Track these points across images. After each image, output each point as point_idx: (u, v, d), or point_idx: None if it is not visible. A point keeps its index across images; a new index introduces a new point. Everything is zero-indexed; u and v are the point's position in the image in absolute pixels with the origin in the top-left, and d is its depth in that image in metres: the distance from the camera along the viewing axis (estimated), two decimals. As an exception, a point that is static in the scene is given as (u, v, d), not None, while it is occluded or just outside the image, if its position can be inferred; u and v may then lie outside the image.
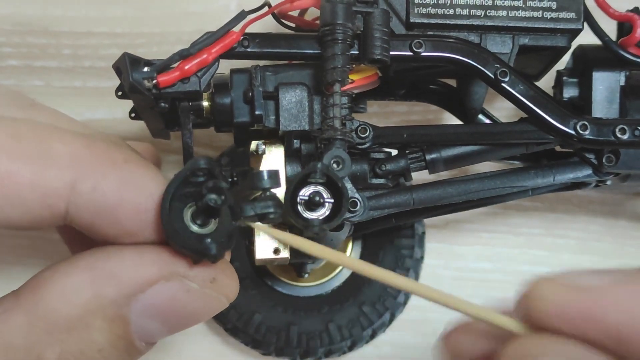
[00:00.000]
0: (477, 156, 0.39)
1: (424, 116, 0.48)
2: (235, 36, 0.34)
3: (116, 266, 0.30)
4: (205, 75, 0.33)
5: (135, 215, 0.29)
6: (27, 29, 0.48)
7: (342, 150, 0.33)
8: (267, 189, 0.32)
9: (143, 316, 0.31)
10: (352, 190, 0.35)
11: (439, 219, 0.47)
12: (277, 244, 0.35)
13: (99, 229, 0.30)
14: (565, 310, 0.23)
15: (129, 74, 0.32)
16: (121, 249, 0.31)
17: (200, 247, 0.30)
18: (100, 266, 0.30)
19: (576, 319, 0.23)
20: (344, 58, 0.34)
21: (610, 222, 0.49)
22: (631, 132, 0.36)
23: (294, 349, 0.45)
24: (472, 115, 0.41)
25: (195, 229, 0.30)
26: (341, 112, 0.34)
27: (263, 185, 0.32)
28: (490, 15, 0.36)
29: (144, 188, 0.30)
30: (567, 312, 0.23)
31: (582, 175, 0.38)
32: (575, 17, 0.37)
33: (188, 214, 0.30)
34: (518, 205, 0.48)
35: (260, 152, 0.36)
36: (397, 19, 0.36)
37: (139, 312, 0.30)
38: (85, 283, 0.30)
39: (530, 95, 0.36)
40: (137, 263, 0.30)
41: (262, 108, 0.35)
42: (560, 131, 0.36)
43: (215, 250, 0.30)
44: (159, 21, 0.48)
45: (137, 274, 0.30)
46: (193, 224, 0.30)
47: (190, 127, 0.35)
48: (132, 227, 0.30)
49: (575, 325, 0.23)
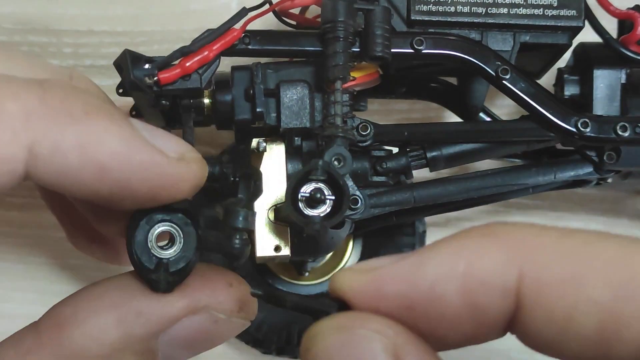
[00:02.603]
0: (478, 154, 0.39)
1: (425, 114, 0.48)
2: (237, 33, 0.34)
3: (143, 304, 0.30)
4: (206, 72, 0.33)
5: (99, 175, 0.27)
6: (28, 28, 0.48)
7: (343, 148, 0.33)
8: (239, 229, 0.32)
9: (171, 347, 0.31)
10: (353, 187, 0.35)
11: (439, 217, 0.47)
12: (278, 242, 0.35)
13: (63, 189, 0.28)
14: (357, 291, 0.25)
15: (130, 71, 0.32)
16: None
17: (151, 279, 0.30)
18: (126, 304, 0.30)
19: (367, 298, 0.25)
20: (346, 55, 0.34)
21: (611, 220, 0.49)
22: (632, 129, 0.36)
23: (294, 347, 0.45)
24: (473, 113, 0.41)
25: (156, 251, 0.30)
26: (342, 109, 0.34)
27: (236, 224, 0.32)
28: (491, 12, 0.36)
29: (106, 145, 0.27)
30: (359, 292, 0.25)
31: (583, 172, 0.38)
32: (576, 14, 0.37)
33: (154, 234, 0.31)
34: (519, 203, 0.48)
35: (261, 150, 0.36)
36: (398, 17, 0.36)
37: (166, 344, 0.31)
38: (112, 322, 0.29)
39: (531, 92, 0.36)
40: (163, 299, 0.30)
41: (263, 105, 0.35)
42: (561, 129, 0.36)
43: (164, 287, 0.30)
44: (160, 19, 0.48)
45: (164, 310, 0.30)
46: (157, 246, 0.31)
47: (191, 125, 0.35)
48: (97, 188, 0.28)
49: (369, 303, 0.25)
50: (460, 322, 0.24)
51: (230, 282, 0.32)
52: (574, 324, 0.23)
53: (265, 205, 0.35)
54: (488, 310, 0.24)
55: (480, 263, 0.24)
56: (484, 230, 0.25)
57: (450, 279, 0.24)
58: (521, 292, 0.24)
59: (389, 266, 0.25)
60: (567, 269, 0.23)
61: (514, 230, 0.25)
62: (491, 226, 0.25)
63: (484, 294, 0.24)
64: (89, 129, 0.27)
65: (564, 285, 0.23)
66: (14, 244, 0.49)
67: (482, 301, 0.24)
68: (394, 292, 0.25)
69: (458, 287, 0.24)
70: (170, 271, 0.30)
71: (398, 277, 0.25)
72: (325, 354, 0.24)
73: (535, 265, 0.24)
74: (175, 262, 0.31)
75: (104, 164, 0.27)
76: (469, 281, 0.24)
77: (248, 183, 0.34)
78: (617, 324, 0.23)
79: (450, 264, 0.24)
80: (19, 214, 0.49)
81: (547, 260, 0.24)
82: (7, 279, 0.49)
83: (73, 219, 0.38)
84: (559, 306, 0.23)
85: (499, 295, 0.24)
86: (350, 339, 0.24)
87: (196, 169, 0.30)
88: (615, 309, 0.23)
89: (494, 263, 0.24)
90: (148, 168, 0.28)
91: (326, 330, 0.25)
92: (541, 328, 0.24)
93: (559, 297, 0.23)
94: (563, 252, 0.24)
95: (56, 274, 0.49)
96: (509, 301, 0.24)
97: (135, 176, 0.28)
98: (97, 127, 0.27)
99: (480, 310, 0.24)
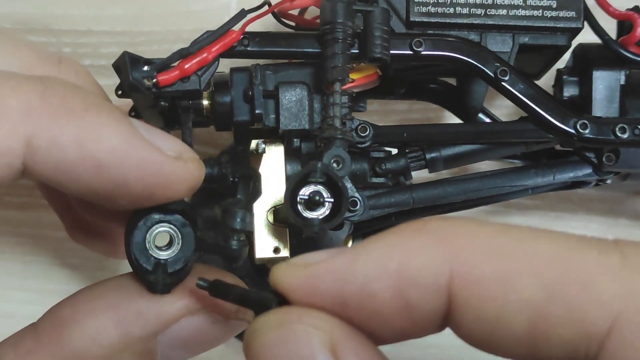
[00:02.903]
0: (477, 155, 0.39)
1: (424, 114, 0.48)
2: (235, 35, 0.34)
3: (142, 305, 0.30)
4: (205, 74, 0.33)
5: (97, 171, 0.27)
6: (27, 27, 0.48)
7: (342, 150, 0.33)
8: (237, 230, 0.32)
9: (169, 346, 0.31)
10: (352, 189, 0.35)
11: (439, 217, 0.47)
12: (277, 243, 0.35)
13: (61, 185, 0.28)
14: (293, 286, 0.25)
15: (128, 73, 0.32)
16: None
17: (148, 280, 0.30)
18: (125, 305, 0.30)
19: (303, 293, 0.25)
20: (345, 57, 0.34)
21: (610, 221, 0.49)
22: (631, 131, 0.36)
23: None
24: (472, 114, 0.41)
25: (154, 252, 0.31)
26: (341, 111, 0.34)
27: (233, 225, 0.31)
28: (490, 14, 0.36)
29: (105, 141, 0.27)
30: (296, 287, 0.25)
31: (582, 174, 0.38)
32: (575, 15, 0.37)
33: (152, 235, 0.31)
34: (518, 203, 0.48)
35: (260, 151, 0.36)
36: (397, 18, 0.36)
37: (165, 344, 0.31)
38: (111, 323, 0.29)
39: (530, 94, 0.36)
40: (162, 299, 0.30)
41: (262, 107, 0.35)
42: (560, 130, 0.36)
43: (161, 288, 0.30)
44: (159, 20, 0.48)
45: (163, 311, 0.30)
46: (155, 247, 0.31)
47: (190, 126, 0.35)
48: (95, 184, 0.28)
49: (305, 298, 0.25)
50: (394, 319, 0.24)
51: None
52: (504, 323, 0.23)
53: (264, 206, 0.35)
54: (421, 307, 0.24)
55: (411, 261, 0.24)
56: (417, 226, 0.25)
57: (382, 277, 0.24)
58: (452, 290, 0.24)
59: (324, 262, 0.25)
60: (497, 268, 0.23)
61: (447, 226, 0.25)
62: (425, 222, 0.25)
63: (415, 292, 0.24)
64: (88, 125, 0.27)
65: (493, 285, 0.23)
66: (13, 243, 0.49)
67: (415, 299, 0.24)
68: (328, 289, 0.25)
69: (390, 284, 0.24)
70: (168, 272, 0.30)
71: (332, 274, 0.25)
72: (265, 349, 0.24)
73: (465, 263, 0.23)
74: (173, 263, 0.31)
75: (102, 160, 0.27)
76: (400, 279, 0.24)
77: (247, 184, 0.34)
78: (547, 324, 0.23)
79: (382, 261, 0.24)
80: (17, 213, 0.49)
81: (477, 259, 0.23)
82: (6, 278, 0.49)
83: (72, 212, 0.38)
84: (489, 305, 0.23)
85: (430, 293, 0.24)
86: (287, 335, 0.24)
87: (193, 168, 0.30)
88: (545, 309, 0.23)
89: (425, 261, 0.24)
90: (145, 166, 0.28)
91: (264, 327, 0.25)
92: (473, 326, 0.24)
93: (488, 297, 0.23)
94: (495, 250, 0.24)
95: (55, 273, 0.49)
96: (441, 299, 0.24)
97: (132, 174, 0.28)
98: (96, 124, 0.27)
99: (413, 308, 0.24)
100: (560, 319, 0.22)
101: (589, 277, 0.23)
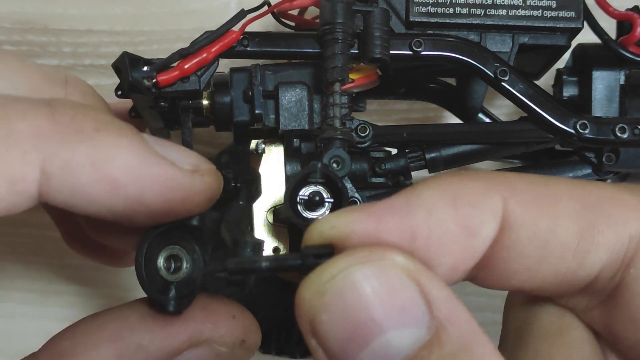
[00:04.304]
0: (477, 155, 0.39)
1: (424, 114, 0.48)
2: (235, 35, 0.34)
3: (144, 337, 0.30)
4: (204, 74, 0.33)
5: (113, 191, 0.27)
6: (27, 27, 0.48)
7: (342, 150, 0.33)
8: None
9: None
10: (352, 189, 0.35)
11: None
12: (277, 243, 0.35)
13: (78, 208, 0.27)
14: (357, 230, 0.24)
15: (128, 74, 0.32)
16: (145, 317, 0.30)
17: (160, 300, 0.30)
18: (127, 338, 0.30)
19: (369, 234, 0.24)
20: (344, 57, 0.34)
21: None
22: (631, 130, 0.36)
23: (294, 347, 0.45)
24: (472, 114, 0.41)
25: (164, 274, 0.30)
26: (341, 111, 0.34)
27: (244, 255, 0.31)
28: (490, 14, 0.36)
29: (119, 159, 0.27)
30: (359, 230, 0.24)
31: (582, 174, 0.38)
32: (575, 15, 0.37)
33: (162, 257, 0.30)
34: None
35: (260, 151, 0.36)
36: (397, 18, 0.36)
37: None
38: (111, 356, 0.29)
39: (530, 94, 0.36)
40: (164, 332, 0.30)
41: (261, 107, 0.35)
42: (560, 130, 0.36)
43: (174, 307, 0.30)
44: (159, 19, 0.48)
45: (164, 344, 0.30)
46: (165, 268, 0.30)
47: (190, 126, 0.35)
48: (111, 204, 0.27)
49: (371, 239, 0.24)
50: (457, 249, 0.25)
51: (234, 314, 0.32)
52: (556, 233, 0.25)
53: (264, 206, 0.35)
54: (480, 232, 0.25)
55: (468, 189, 0.25)
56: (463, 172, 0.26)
57: (443, 205, 0.24)
58: (507, 213, 0.25)
59: (384, 202, 0.25)
60: (545, 192, 0.26)
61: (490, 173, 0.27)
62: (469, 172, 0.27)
63: (475, 215, 0.25)
64: (100, 145, 0.27)
65: (544, 202, 0.25)
66: (14, 243, 0.49)
67: (475, 224, 0.25)
68: (396, 224, 0.24)
69: (451, 210, 0.24)
70: (177, 294, 0.30)
71: (396, 210, 0.24)
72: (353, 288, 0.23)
73: (518, 189, 0.25)
74: (182, 285, 0.30)
75: (117, 179, 0.27)
76: (460, 205, 0.25)
77: (249, 189, 0.34)
78: (593, 229, 0.25)
79: (441, 192, 0.25)
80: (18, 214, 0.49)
81: (524, 186, 0.26)
82: (7, 278, 0.49)
83: (70, 222, 0.38)
84: (542, 220, 0.25)
85: (488, 214, 0.25)
86: (377, 271, 0.23)
87: (211, 181, 0.29)
88: (591, 217, 0.25)
89: (479, 189, 0.25)
90: (162, 181, 0.28)
91: (345, 266, 0.23)
92: (524, 248, 0.25)
93: (542, 212, 0.25)
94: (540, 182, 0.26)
95: (55, 274, 0.49)
96: (496, 221, 0.25)
97: (149, 190, 0.27)
98: (108, 143, 0.27)
99: (473, 232, 0.25)
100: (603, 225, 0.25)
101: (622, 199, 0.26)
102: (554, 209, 0.25)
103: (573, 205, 0.25)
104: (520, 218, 0.25)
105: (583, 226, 0.25)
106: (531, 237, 0.25)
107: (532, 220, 0.25)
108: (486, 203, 0.25)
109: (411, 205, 0.24)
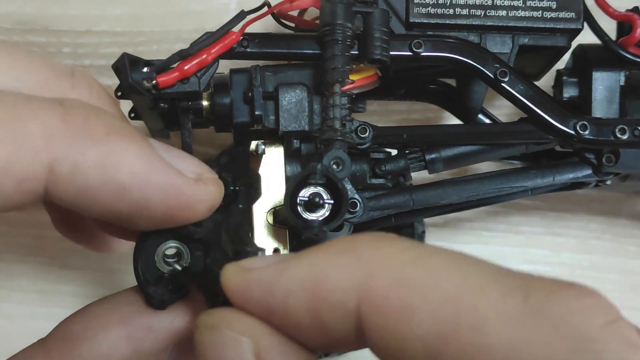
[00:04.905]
0: (477, 156, 0.39)
1: (424, 115, 0.48)
2: (235, 36, 0.34)
3: (153, 319, 0.30)
4: (204, 75, 0.33)
5: (119, 195, 0.28)
6: (27, 28, 0.48)
7: (342, 151, 0.33)
8: None
9: (178, 357, 0.31)
10: (352, 191, 0.35)
11: (438, 217, 0.47)
12: (276, 244, 0.35)
13: (79, 208, 0.28)
14: (232, 289, 0.26)
15: (128, 75, 0.32)
16: None
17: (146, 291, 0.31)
18: (136, 320, 0.30)
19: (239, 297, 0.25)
20: (344, 58, 0.34)
21: (610, 221, 0.49)
22: (631, 132, 0.36)
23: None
24: (472, 114, 0.41)
25: (161, 266, 0.31)
26: (341, 112, 0.34)
27: None
28: (489, 15, 0.36)
29: (128, 165, 0.28)
30: (234, 290, 0.26)
31: (582, 175, 0.38)
32: (575, 16, 0.37)
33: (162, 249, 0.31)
34: (518, 203, 0.48)
35: (259, 152, 0.36)
36: (396, 19, 0.36)
37: (175, 356, 0.31)
38: (122, 338, 0.30)
39: (529, 95, 0.36)
40: (172, 314, 0.31)
41: (261, 108, 0.35)
42: (560, 131, 0.36)
43: (156, 304, 0.31)
44: (159, 20, 0.48)
45: (173, 325, 0.30)
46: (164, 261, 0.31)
47: (189, 127, 0.35)
48: (116, 207, 0.28)
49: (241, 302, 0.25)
50: (313, 334, 0.25)
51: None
52: (405, 353, 0.23)
53: (264, 208, 0.35)
54: (333, 327, 0.24)
55: (325, 282, 0.24)
56: (344, 245, 0.25)
57: (300, 294, 0.24)
58: (361, 314, 0.24)
59: (257, 270, 0.25)
60: (400, 301, 0.23)
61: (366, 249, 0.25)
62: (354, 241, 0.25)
63: (327, 312, 0.24)
64: (110, 149, 0.27)
65: (395, 316, 0.23)
66: (13, 243, 0.49)
67: (327, 318, 0.24)
68: (257, 297, 0.25)
69: (305, 302, 0.24)
70: (168, 288, 0.31)
71: (261, 283, 0.25)
72: (199, 347, 0.25)
73: (373, 292, 0.24)
74: (176, 280, 0.31)
75: (124, 184, 0.27)
76: (314, 298, 0.24)
77: (249, 191, 0.34)
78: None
79: (301, 278, 0.24)
80: (17, 214, 0.49)
81: (384, 289, 0.24)
82: (7, 278, 0.49)
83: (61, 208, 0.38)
84: (392, 335, 0.23)
85: (341, 315, 0.24)
86: (218, 339, 0.25)
87: (213, 189, 0.30)
88: (439, 347, 0.23)
89: (337, 283, 0.24)
90: (167, 189, 0.28)
91: (201, 326, 0.25)
92: (382, 351, 0.24)
93: (391, 327, 0.23)
94: (402, 281, 0.24)
95: (55, 274, 0.49)
96: (352, 321, 0.24)
97: (154, 197, 0.28)
98: (118, 148, 0.28)
99: (327, 327, 0.24)
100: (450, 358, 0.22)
101: (481, 322, 0.22)
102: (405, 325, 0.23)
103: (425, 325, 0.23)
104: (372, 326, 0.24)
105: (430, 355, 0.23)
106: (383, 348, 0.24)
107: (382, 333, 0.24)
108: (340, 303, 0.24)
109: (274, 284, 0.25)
